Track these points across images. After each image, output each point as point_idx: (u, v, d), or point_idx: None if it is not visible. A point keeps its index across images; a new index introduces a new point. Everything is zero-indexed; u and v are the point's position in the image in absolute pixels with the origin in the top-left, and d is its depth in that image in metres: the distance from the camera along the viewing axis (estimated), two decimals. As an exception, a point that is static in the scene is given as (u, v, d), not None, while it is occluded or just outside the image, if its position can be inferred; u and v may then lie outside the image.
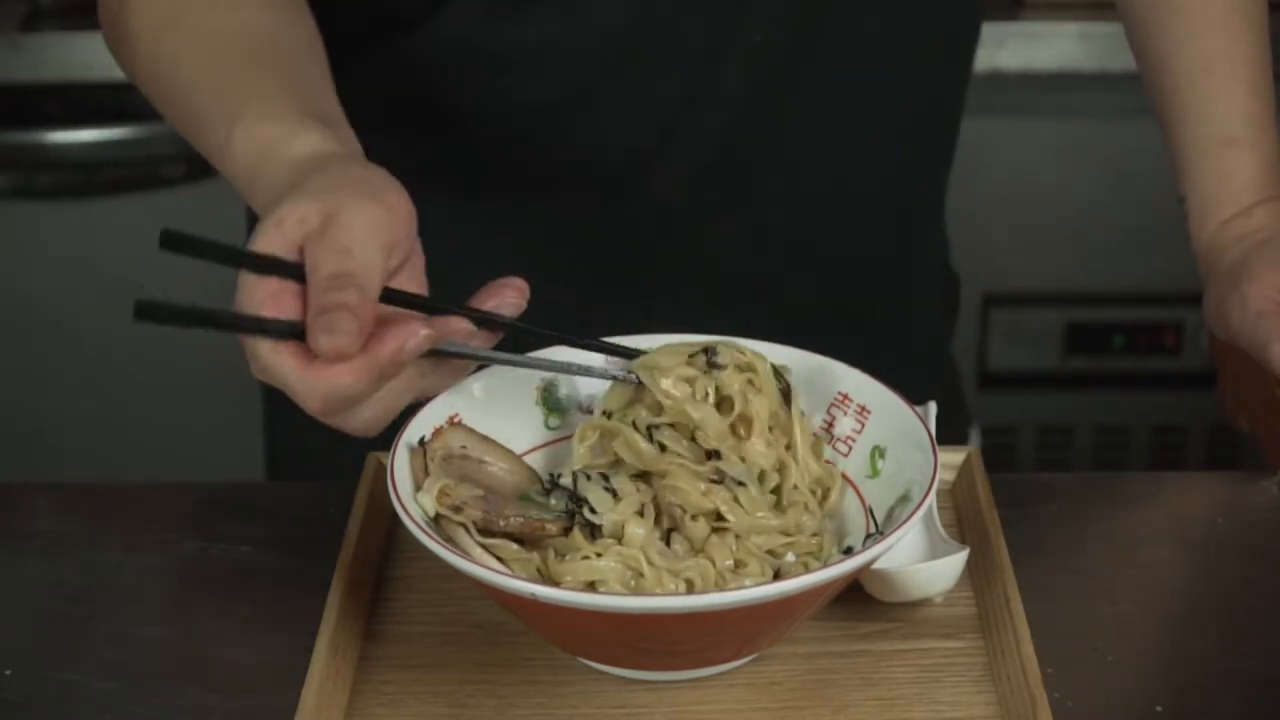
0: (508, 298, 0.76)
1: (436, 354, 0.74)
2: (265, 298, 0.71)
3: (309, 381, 0.70)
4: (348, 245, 0.71)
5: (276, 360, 0.71)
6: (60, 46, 1.82)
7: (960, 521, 0.88)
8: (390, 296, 0.73)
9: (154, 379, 2.02)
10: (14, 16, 1.85)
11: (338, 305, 0.69)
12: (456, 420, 0.82)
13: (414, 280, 0.75)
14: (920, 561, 0.81)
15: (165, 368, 2.02)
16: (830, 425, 0.84)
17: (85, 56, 1.78)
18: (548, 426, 0.85)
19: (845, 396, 0.83)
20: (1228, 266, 0.99)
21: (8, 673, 0.80)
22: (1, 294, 1.97)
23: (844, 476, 0.82)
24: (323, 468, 0.95)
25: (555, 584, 0.74)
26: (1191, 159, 1.03)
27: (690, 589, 0.75)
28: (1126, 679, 0.78)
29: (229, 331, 0.72)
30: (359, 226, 0.71)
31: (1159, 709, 0.76)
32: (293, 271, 0.71)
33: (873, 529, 0.79)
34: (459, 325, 0.75)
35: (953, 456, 0.90)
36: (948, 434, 0.89)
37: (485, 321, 0.75)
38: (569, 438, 0.85)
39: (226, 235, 2.23)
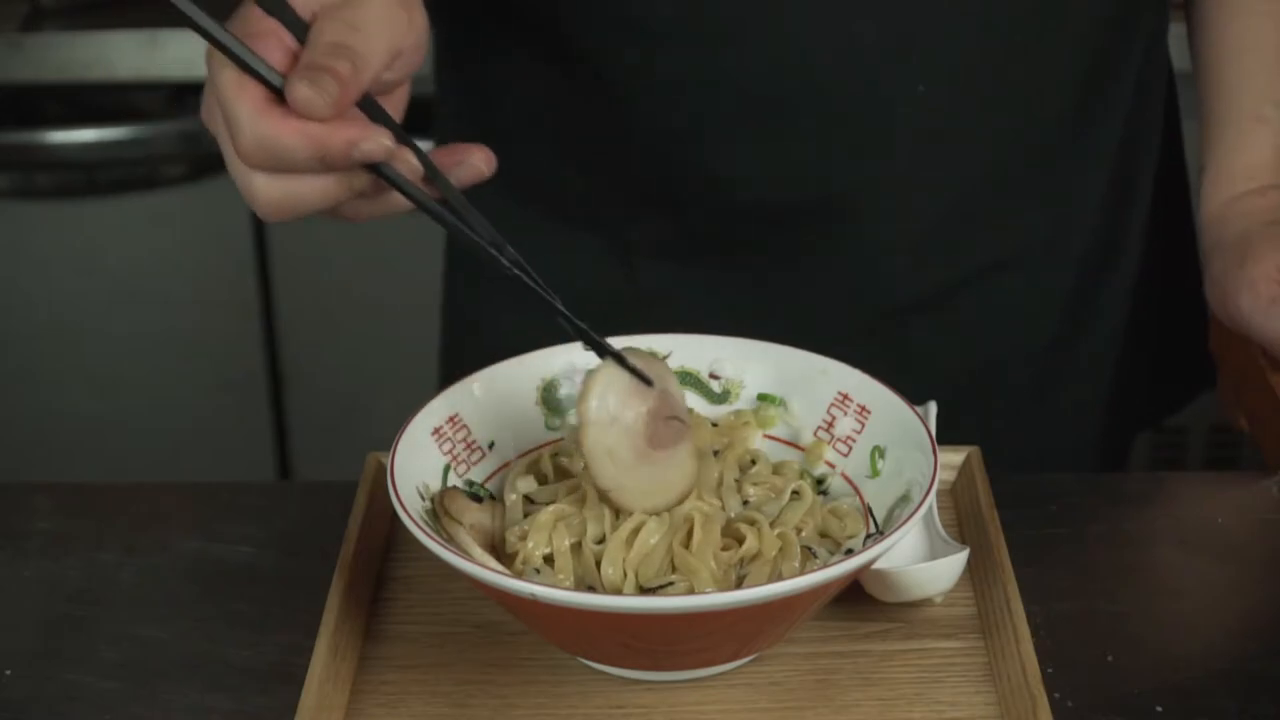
0: (474, 158, 0.73)
1: (379, 177, 0.71)
2: (259, 31, 0.69)
3: (255, 123, 0.67)
4: (358, 25, 0.69)
5: (237, 91, 0.68)
6: (60, 46, 1.82)
7: (960, 521, 0.88)
8: (365, 106, 0.71)
9: (154, 379, 2.02)
10: (14, 16, 1.85)
11: (329, 68, 0.67)
12: (457, 420, 0.82)
13: (395, 111, 0.74)
14: (920, 561, 0.81)
15: (166, 367, 2.02)
16: (830, 425, 0.84)
17: (85, 56, 1.78)
18: (548, 427, 0.85)
19: (845, 396, 0.83)
20: (1232, 241, 0.99)
21: (8, 673, 0.80)
22: (1, 294, 1.97)
23: (844, 476, 0.82)
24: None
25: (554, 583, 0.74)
26: (1216, 129, 1.04)
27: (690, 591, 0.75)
28: (1126, 679, 0.78)
29: (208, 39, 0.68)
30: (376, 16, 0.70)
31: (1159, 709, 0.76)
32: (297, 26, 0.70)
33: (873, 529, 0.79)
34: (414, 164, 0.71)
35: (953, 456, 0.90)
36: None
37: (437, 181, 0.72)
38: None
39: (226, 236, 2.23)
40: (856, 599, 0.80)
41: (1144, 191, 1.11)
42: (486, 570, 0.71)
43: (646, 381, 0.76)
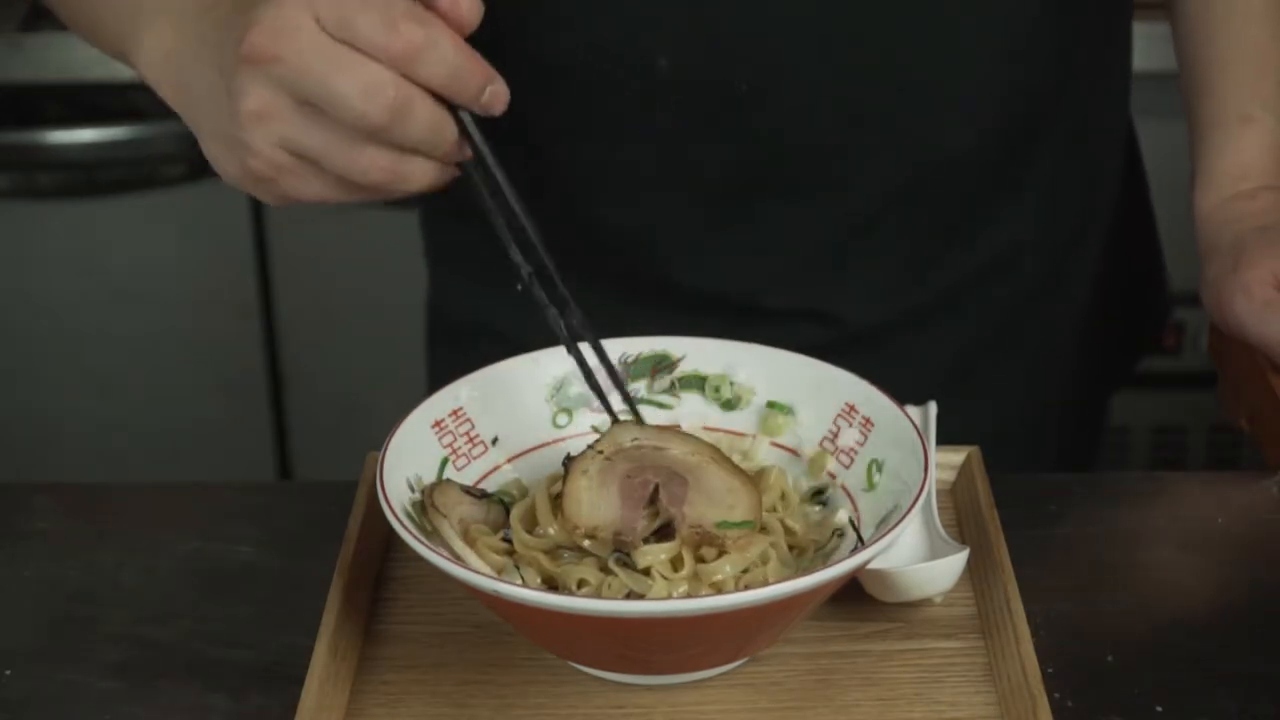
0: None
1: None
2: None
3: (418, 18, 0.69)
4: None
5: None
6: (60, 46, 1.82)
7: (960, 521, 0.88)
8: None
9: (154, 379, 2.02)
10: (14, 16, 1.85)
11: None
12: (461, 414, 0.82)
13: None
14: (920, 561, 0.81)
15: (166, 367, 2.02)
16: (835, 436, 0.83)
17: (85, 56, 1.78)
18: (555, 424, 0.85)
19: (852, 407, 0.83)
20: (1225, 245, 1.00)
21: (8, 673, 0.80)
22: (1, 294, 1.97)
23: (843, 488, 0.82)
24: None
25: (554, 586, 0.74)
26: (1205, 130, 1.04)
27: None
28: (1126, 679, 0.78)
29: None
30: None
31: (1159, 709, 0.76)
32: None
33: (858, 543, 0.78)
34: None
35: (953, 456, 0.90)
36: None
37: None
38: (576, 436, 0.85)
39: (226, 236, 2.23)
40: (856, 599, 0.80)
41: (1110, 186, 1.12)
42: (477, 575, 0.70)
43: None
